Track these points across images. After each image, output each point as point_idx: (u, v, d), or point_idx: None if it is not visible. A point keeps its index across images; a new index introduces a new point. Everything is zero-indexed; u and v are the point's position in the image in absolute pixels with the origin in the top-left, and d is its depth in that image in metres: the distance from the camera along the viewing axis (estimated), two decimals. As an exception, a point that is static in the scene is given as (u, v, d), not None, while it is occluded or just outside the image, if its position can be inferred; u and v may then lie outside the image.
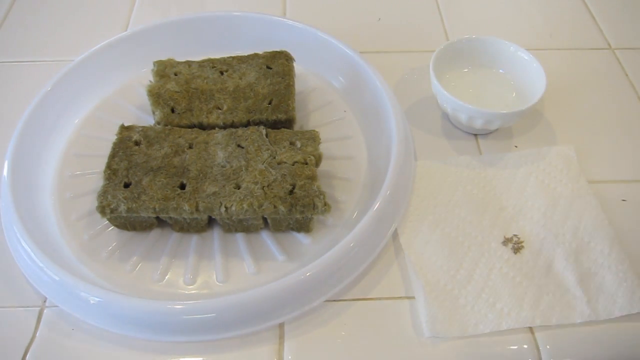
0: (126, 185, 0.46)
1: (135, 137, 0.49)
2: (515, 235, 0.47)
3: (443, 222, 0.48)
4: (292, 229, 0.48)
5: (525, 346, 0.42)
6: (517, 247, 0.46)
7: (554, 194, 0.50)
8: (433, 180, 0.51)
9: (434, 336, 0.42)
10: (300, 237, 0.48)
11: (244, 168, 0.46)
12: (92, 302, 0.42)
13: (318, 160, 0.48)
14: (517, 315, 0.42)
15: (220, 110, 0.52)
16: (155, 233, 0.48)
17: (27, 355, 0.42)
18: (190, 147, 0.48)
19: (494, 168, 0.52)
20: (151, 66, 0.55)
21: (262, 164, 0.47)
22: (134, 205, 0.44)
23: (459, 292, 0.44)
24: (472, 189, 0.50)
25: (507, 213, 0.49)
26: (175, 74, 0.54)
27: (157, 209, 0.44)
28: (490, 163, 0.52)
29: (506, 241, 0.47)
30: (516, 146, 0.54)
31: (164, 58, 0.55)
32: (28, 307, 0.44)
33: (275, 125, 0.51)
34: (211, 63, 0.55)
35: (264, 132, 0.49)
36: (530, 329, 0.42)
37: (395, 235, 0.48)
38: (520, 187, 0.50)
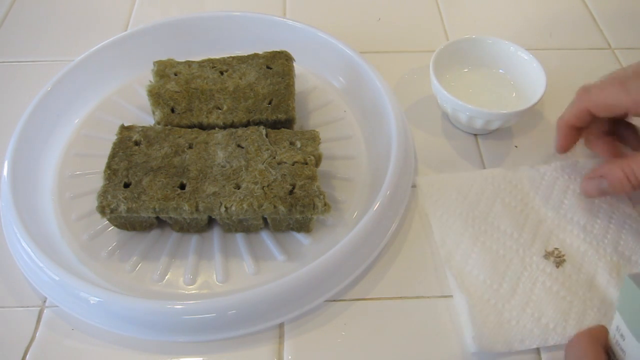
0: (126, 185, 0.46)
1: (135, 137, 0.49)
2: (556, 248, 0.46)
3: (483, 236, 0.47)
4: (292, 229, 0.48)
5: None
6: (559, 261, 0.45)
7: (593, 207, 0.48)
8: (471, 192, 0.50)
9: (480, 352, 0.41)
10: (300, 237, 0.48)
11: (244, 168, 0.46)
12: (92, 302, 0.42)
13: (318, 160, 0.48)
14: (562, 331, 0.41)
15: (220, 110, 0.52)
16: (155, 233, 0.48)
17: (27, 355, 0.42)
18: (190, 147, 0.48)
19: (531, 181, 0.51)
20: (151, 66, 0.55)
21: (262, 164, 0.47)
22: (134, 205, 0.44)
23: (502, 306, 0.43)
24: (511, 201, 0.49)
25: (546, 226, 0.47)
26: (175, 74, 0.54)
27: (157, 209, 0.44)
28: (527, 176, 0.51)
29: (547, 255, 0.45)
30: (516, 146, 0.54)
31: (164, 58, 0.55)
32: (28, 307, 0.44)
33: (275, 125, 0.51)
34: (211, 63, 0.55)
35: (263, 132, 0.49)
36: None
37: (395, 235, 0.48)
38: (558, 199, 0.49)
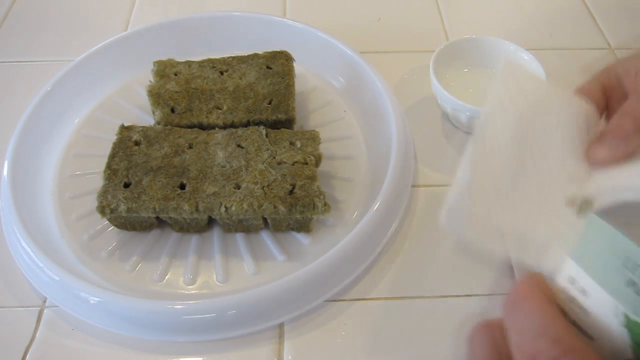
0: (126, 185, 0.46)
1: (135, 137, 0.49)
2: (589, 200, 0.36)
3: (524, 142, 0.37)
4: (292, 229, 0.48)
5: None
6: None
7: None
8: (537, 90, 0.40)
9: (448, 226, 0.36)
10: (300, 237, 0.48)
11: (244, 168, 0.46)
12: (92, 302, 0.42)
13: (318, 160, 0.48)
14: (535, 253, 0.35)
15: (220, 110, 0.52)
16: (155, 233, 0.48)
17: (27, 355, 0.42)
18: (190, 147, 0.48)
19: None
20: (151, 66, 0.55)
21: (262, 164, 0.47)
22: (134, 205, 0.44)
23: (494, 212, 0.37)
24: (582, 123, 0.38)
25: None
26: (175, 74, 0.54)
27: (157, 209, 0.44)
28: None
29: (571, 202, 0.37)
30: (516, 146, 0.54)
31: (164, 58, 0.55)
32: (28, 307, 0.44)
33: (275, 125, 0.51)
34: (211, 63, 0.55)
35: (263, 132, 0.49)
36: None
37: (395, 235, 0.47)
38: None
